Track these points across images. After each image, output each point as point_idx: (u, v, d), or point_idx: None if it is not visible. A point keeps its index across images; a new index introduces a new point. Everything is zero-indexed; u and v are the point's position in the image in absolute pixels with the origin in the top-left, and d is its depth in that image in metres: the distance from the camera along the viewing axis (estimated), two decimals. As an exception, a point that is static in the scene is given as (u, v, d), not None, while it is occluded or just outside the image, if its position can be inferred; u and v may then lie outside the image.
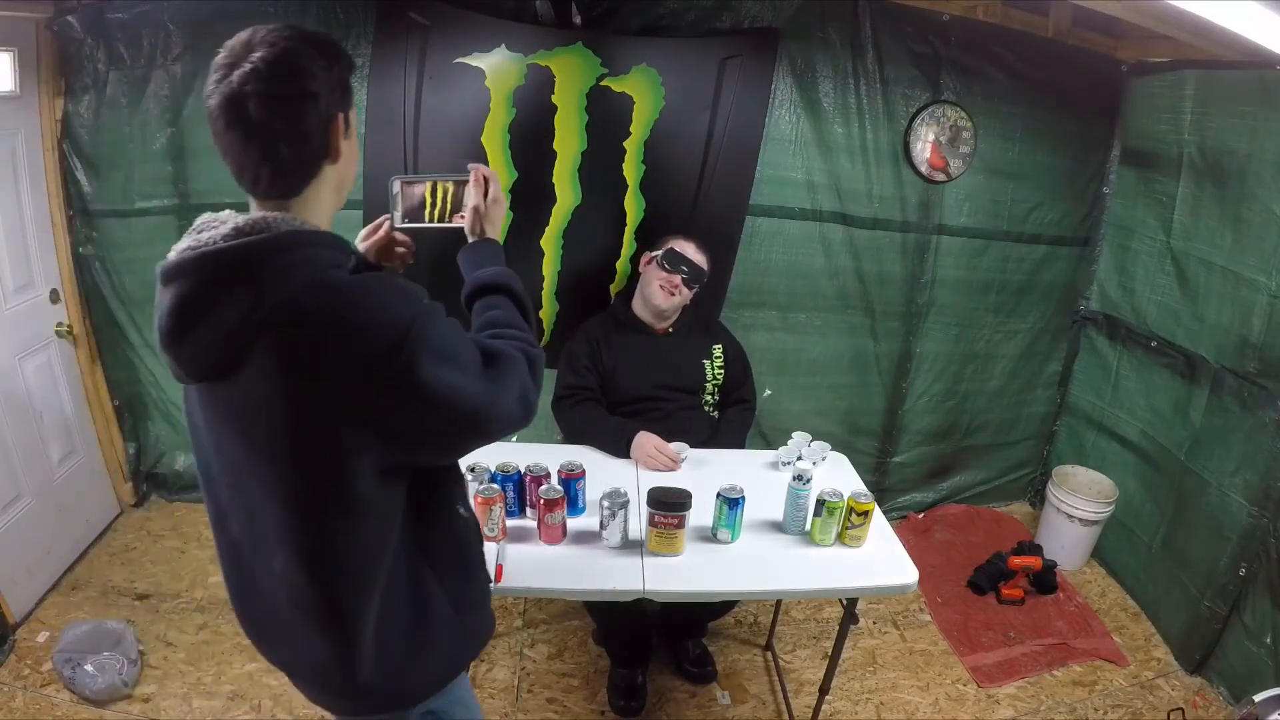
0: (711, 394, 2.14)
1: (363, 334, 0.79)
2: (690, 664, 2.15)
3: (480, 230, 1.12)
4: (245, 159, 0.82)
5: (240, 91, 0.77)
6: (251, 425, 0.83)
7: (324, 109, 0.82)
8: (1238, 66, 2.10)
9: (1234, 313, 2.16)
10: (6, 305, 2.18)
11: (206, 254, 0.79)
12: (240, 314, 0.77)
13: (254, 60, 0.77)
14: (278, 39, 0.79)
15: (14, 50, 2.08)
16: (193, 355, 0.81)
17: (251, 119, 0.78)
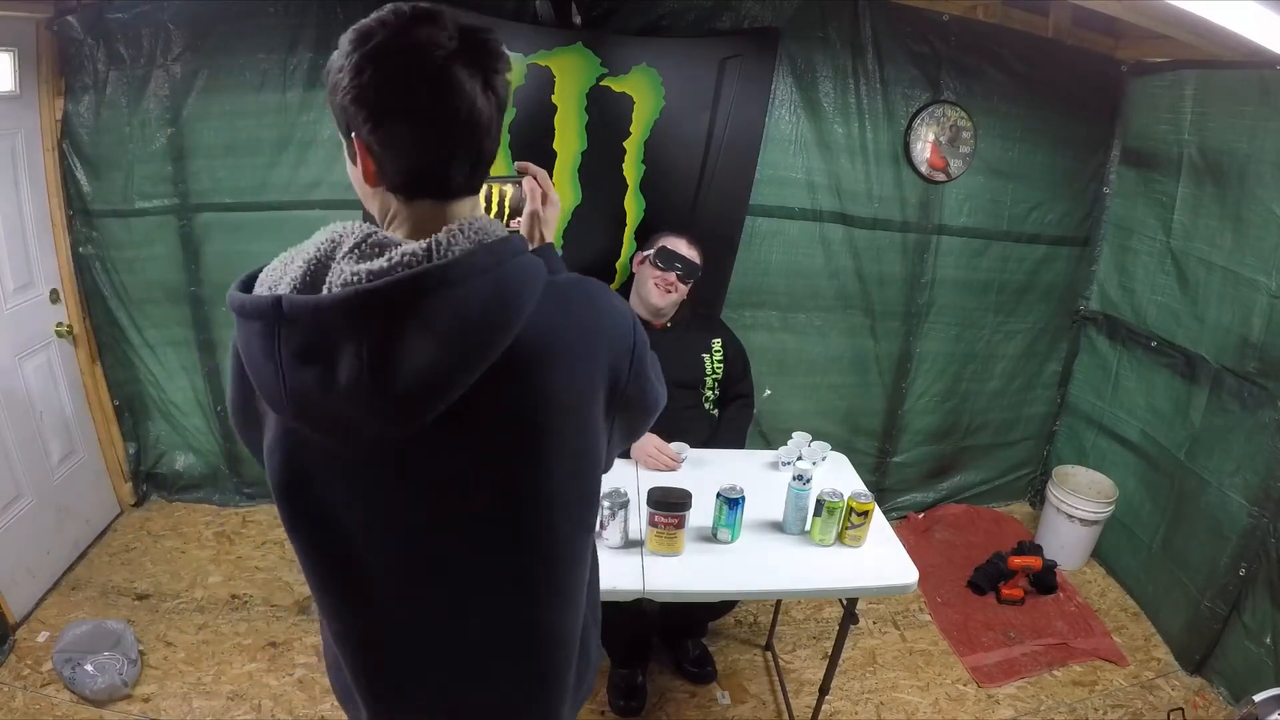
0: (711, 388, 2.14)
1: (603, 340, 0.75)
2: (690, 664, 2.15)
3: (540, 236, 1.02)
4: (445, 144, 0.67)
5: (452, 59, 0.63)
6: (484, 459, 0.72)
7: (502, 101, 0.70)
8: (1238, 66, 2.10)
9: (1234, 313, 2.16)
10: (6, 305, 2.18)
11: (429, 272, 0.63)
12: (490, 343, 0.65)
13: (452, 37, 0.64)
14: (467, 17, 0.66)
15: (14, 50, 2.08)
16: (420, 405, 0.65)
17: (467, 92, 0.64)
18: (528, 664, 0.84)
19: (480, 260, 0.65)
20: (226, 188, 2.34)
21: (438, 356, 0.63)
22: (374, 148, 0.67)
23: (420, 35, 0.64)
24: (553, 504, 0.76)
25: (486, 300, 0.65)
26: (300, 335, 0.63)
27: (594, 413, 0.75)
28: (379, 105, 0.65)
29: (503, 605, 0.80)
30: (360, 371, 0.62)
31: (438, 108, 0.65)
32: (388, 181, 0.70)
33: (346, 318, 0.62)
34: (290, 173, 2.33)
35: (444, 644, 0.81)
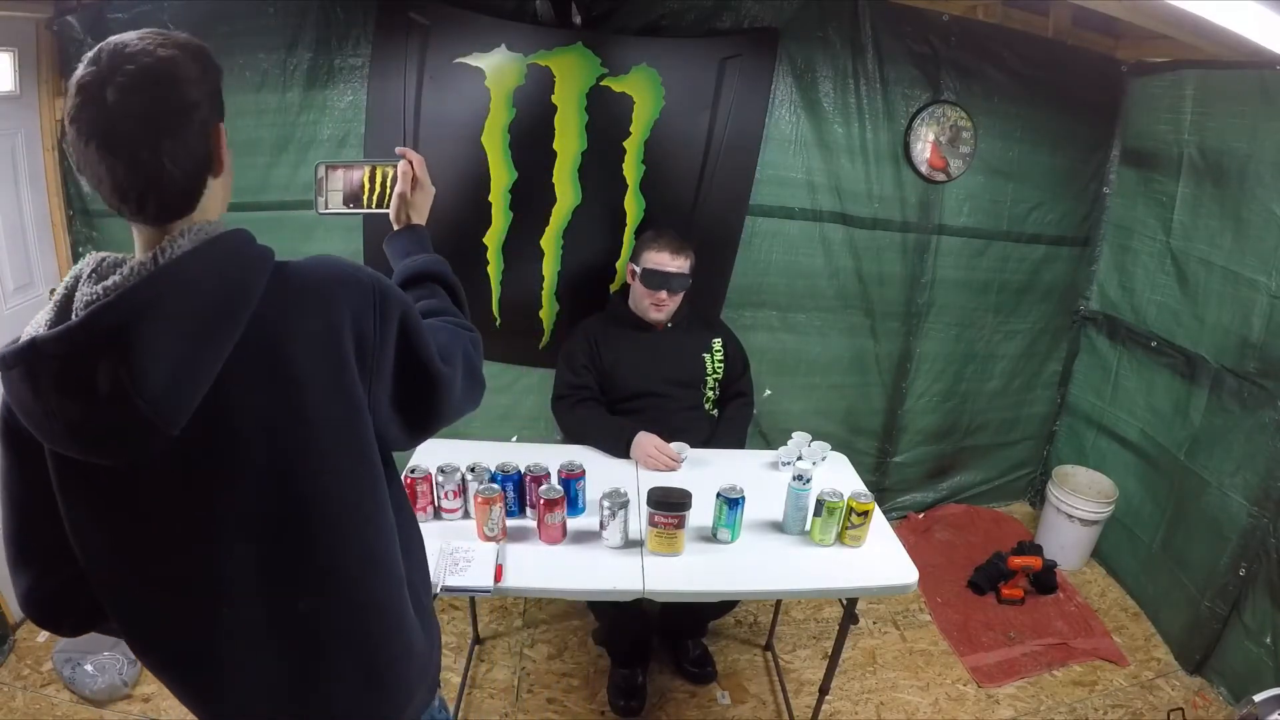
0: (712, 388, 2.14)
1: (340, 298, 0.78)
2: (690, 664, 2.15)
3: (406, 217, 1.11)
4: (127, 183, 0.70)
5: (115, 110, 0.67)
6: (252, 450, 0.76)
7: (205, 115, 0.74)
8: (1238, 66, 2.10)
9: (1234, 313, 2.16)
10: (6, 305, 2.18)
11: (161, 272, 0.68)
12: (228, 328, 0.70)
13: (127, 74, 0.67)
14: (150, 49, 0.70)
15: (14, 50, 2.08)
16: (177, 403, 0.69)
17: (129, 138, 0.68)
18: (359, 640, 0.86)
19: (204, 256, 0.71)
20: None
21: (181, 349, 0.68)
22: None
23: (86, 69, 0.68)
24: (322, 470, 0.80)
25: (215, 289, 0.71)
26: (57, 367, 0.66)
27: (344, 379, 0.78)
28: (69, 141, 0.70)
29: (299, 578, 0.82)
30: (117, 382, 0.65)
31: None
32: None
33: (94, 334, 0.66)
34: (290, 173, 2.33)
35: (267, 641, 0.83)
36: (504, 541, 1.51)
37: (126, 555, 0.79)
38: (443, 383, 0.89)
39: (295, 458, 0.78)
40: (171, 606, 0.82)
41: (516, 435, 2.57)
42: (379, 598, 0.87)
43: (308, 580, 0.82)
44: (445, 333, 0.94)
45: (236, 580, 0.80)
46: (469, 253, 2.32)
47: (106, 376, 0.65)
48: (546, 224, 2.35)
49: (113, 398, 0.66)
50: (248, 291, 0.72)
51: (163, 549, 0.78)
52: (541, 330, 2.48)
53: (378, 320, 0.80)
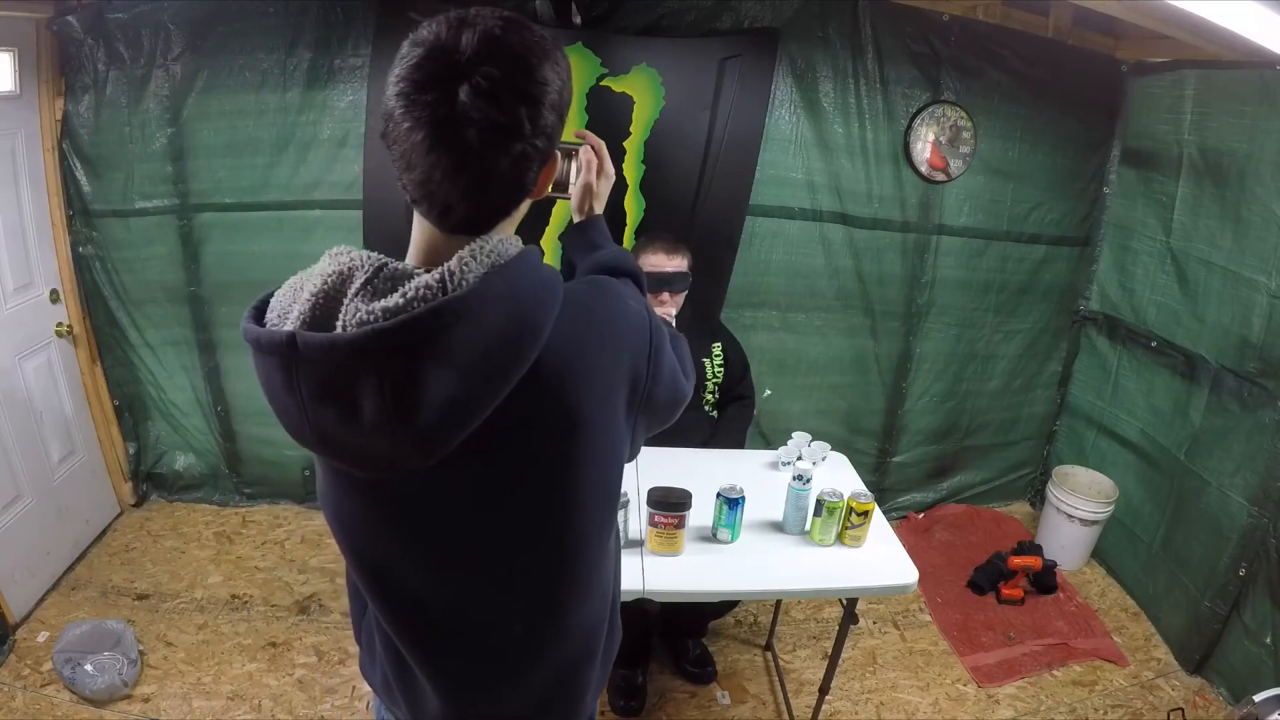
0: (712, 393, 2.14)
1: (621, 344, 0.75)
2: (690, 664, 2.15)
3: (590, 208, 1.01)
4: (443, 189, 0.64)
5: (464, 115, 0.60)
6: (511, 474, 0.73)
7: (546, 146, 0.67)
8: (1238, 66, 2.10)
9: (1234, 313, 2.16)
10: (6, 305, 2.18)
11: (445, 306, 0.60)
12: (509, 369, 0.65)
13: (490, 75, 0.61)
14: (517, 47, 0.63)
15: (14, 50, 2.08)
16: (447, 434, 0.64)
17: (469, 147, 0.62)
18: (562, 654, 0.87)
19: (496, 286, 0.63)
20: (226, 188, 2.34)
21: (459, 389, 0.62)
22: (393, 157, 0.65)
23: (446, 40, 0.62)
24: (579, 509, 0.78)
25: (505, 326, 0.64)
26: (318, 374, 0.62)
27: (616, 417, 0.76)
28: (390, 113, 0.63)
29: (538, 605, 0.83)
30: (383, 409, 0.61)
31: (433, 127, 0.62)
32: (406, 195, 0.67)
33: (363, 358, 0.60)
34: (290, 173, 2.33)
35: (491, 642, 0.84)
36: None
37: (377, 555, 0.78)
38: (685, 399, 0.89)
39: (555, 497, 0.76)
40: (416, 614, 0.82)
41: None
42: (589, 621, 0.88)
43: (560, 596, 0.83)
44: (681, 343, 0.92)
45: (498, 586, 0.81)
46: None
47: (372, 403, 0.61)
48: (546, 224, 2.35)
49: (375, 425, 0.62)
50: (538, 330, 0.66)
51: (415, 547, 0.77)
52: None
53: (651, 358, 0.78)
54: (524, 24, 0.65)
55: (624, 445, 0.80)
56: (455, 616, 0.82)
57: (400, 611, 0.81)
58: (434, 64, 0.61)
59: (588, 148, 1.00)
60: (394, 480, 0.71)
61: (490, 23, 0.63)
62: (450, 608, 0.81)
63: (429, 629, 0.83)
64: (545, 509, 0.76)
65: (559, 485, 0.75)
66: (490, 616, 0.82)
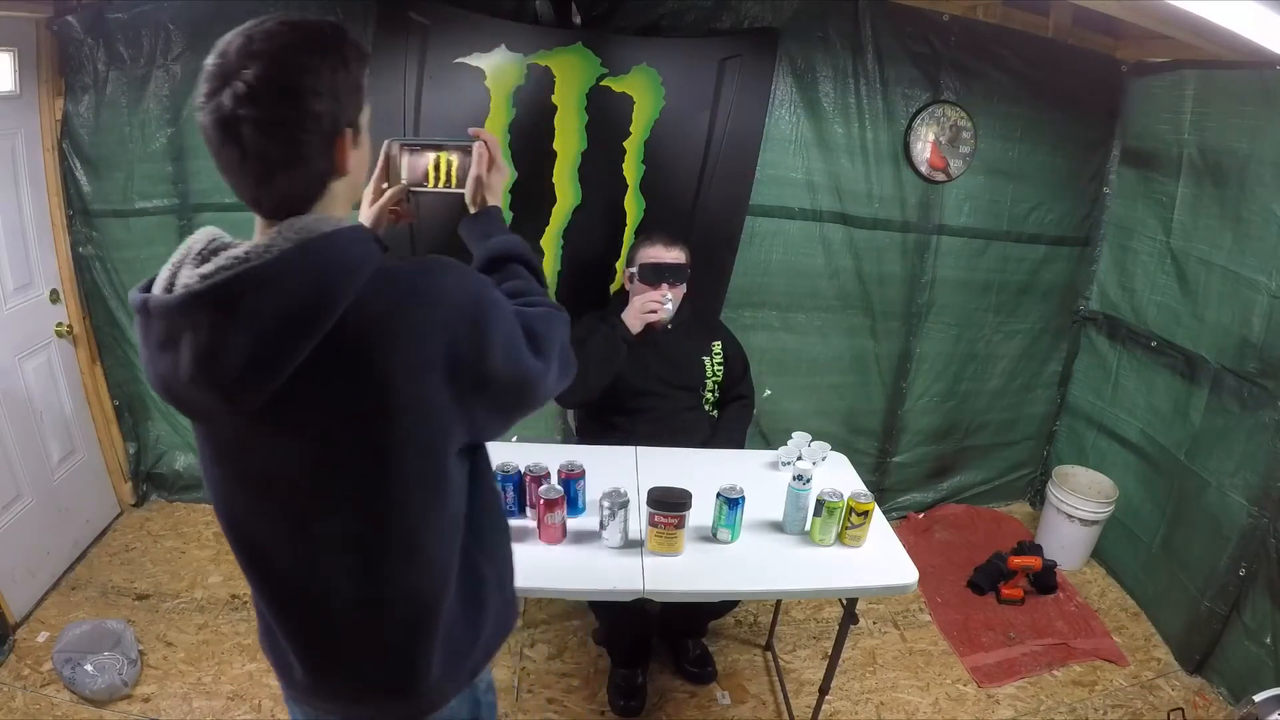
0: (712, 391, 2.14)
1: (437, 316, 0.77)
2: (690, 664, 2.15)
3: (482, 200, 1.10)
4: (242, 181, 0.75)
5: (232, 114, 0.69)
6: (323, 438, 0.78)
7: (328, 127, 0.75)
8: (1238, 66, 2.10)
9: (1234, 313, 2.16)
10: (6, 305, 2.18)
11: (248, 272, 0.70)
12: (306, 332, 0.71)
13: (246, 77, 0.69)
14: (274, 46, 0.71)
15: (14, 50, 2.08)
16: (251, 388, 0.72)
17: (245, 143, 0.71)
18: (391, 624, 0.88)
19: (295, 259, 0.71)
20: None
21: (257, 348, 0.70)
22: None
23: (224, 48, 0.73)
24: (391, 478, 0.80)
25: (302, 293, 0.71)
26: (156, 330, 0.74)
27: (433, 390, 0.78)
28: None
29: (359, 568, 0.85)
30: (193, 361, 0.71)
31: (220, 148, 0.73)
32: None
33: (181, 316, 0.71)
34: (290, 173, 2.33)
35: (330, 603, 0.87)
36: (504, 541, 1.51)
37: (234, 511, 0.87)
38: (536, 378, 0.89)
39: (365, 462, 0.79)
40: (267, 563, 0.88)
41: (516, 435, 2.57)
42: (417, 591, 0.88)
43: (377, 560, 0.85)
44: (539, 320, 0.92)
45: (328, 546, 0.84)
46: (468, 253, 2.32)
47: (186, 356, 0.71)
48: (546, 224, 2.35)
49: (189, 376, 0.72)
50: (335, 299, 0.72)
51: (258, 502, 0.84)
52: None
53: (476, 333, 0.80)
54: (293, 23, 0.74)
55: (450, 422, 0.81)
56: (297, 574, 0.86)
57: (255, 569, 0.88)
58: (213, 71, 0.71)
59: (481, 144, 1.08)
60: (235, 436, 0.80)
61: (256, 29, 0.72)
62: (291, 565, 0.86)
63: (277, 587, 0.88)
64: (357, 473, 0.80)
65: (368, 451, 0.78)
66: (324, 575, 0.85)
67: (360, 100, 0.79)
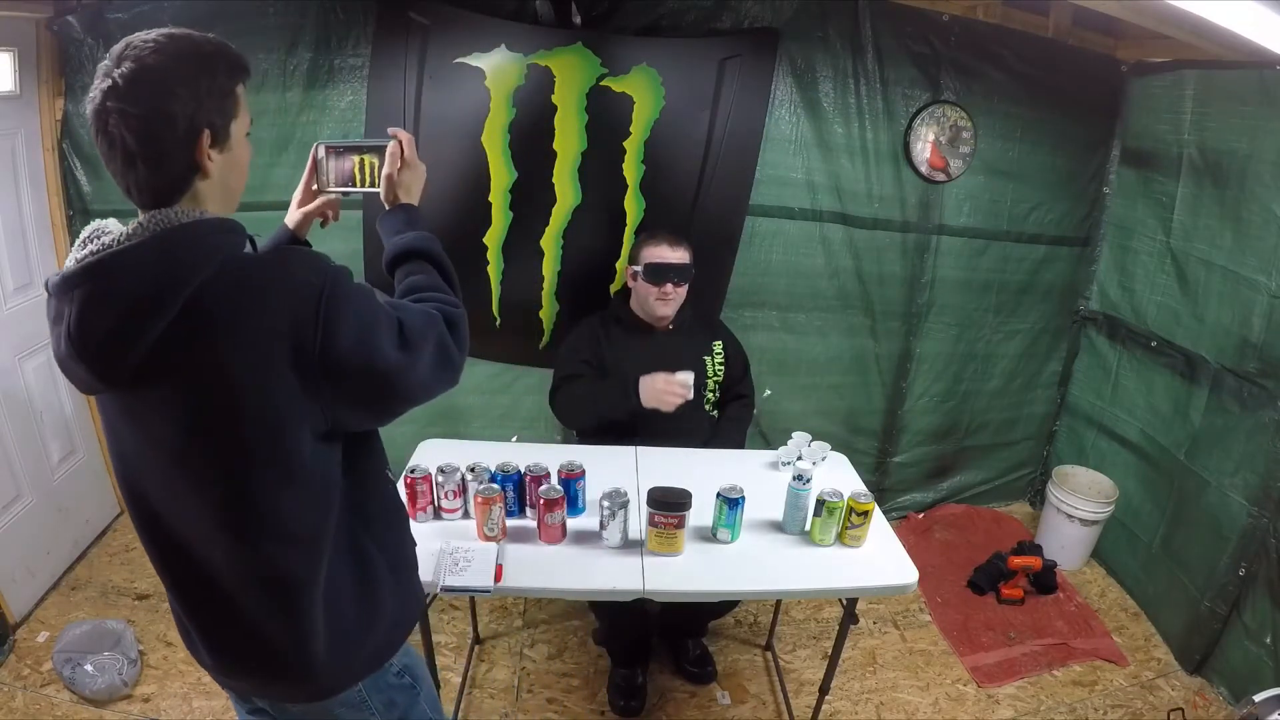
0: (712, 390, 2.14)
1: (279, 303, 0.81)
2: (690, 664, 2.15)
3: (394, 197, 1.13)
4: (114, 171, 0.83)
5: (102, 106, 0.79)
6: (181, 417, 0.83)
7: (184, 126, 0.81)
8: (1238, 66, 2.10)
9: (1234, 313, 2.16)
10: (6, 305, 2.18)
11: (110, 256, 0.78)
12: (157, 311, 0.78)
13: (116, 75, 0.78)
14: (146, 52, 0.80)
15: (14, 50, 2.09)
16: (110, 362, 0.80)
17: (111, 134, 0.80)
18: (254, 602, 0.91)
19: (150, 245, 0.79)
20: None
21: (113, 324, 0.78)
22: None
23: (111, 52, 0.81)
24: (235, 457, 0.85)
25: (151, 277, 0.78)
26: (51, 306, 0.83)
27: (277, 375, 0.82)
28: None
29: (220, 541, 0.89)
30: (66, 335, 0.79)
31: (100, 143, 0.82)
32: None
33: (63, 292, 0.80)
34: (290, 173, 2.32)
35: (212, 580, 0.91)
36: (504, 542, 1.51)
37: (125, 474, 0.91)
38: (398, 372, 0.90)
39: (210, 440, 0.84)
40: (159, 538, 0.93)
41: (516, 435, 2.57)
42: (272, 573, 0.90)
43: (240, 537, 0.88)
44: (413, 314, 0.94)
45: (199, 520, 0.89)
46: (469, 253, 2.32)
47: (64, 330, 0.80)
48: (546, 224, 2.35)
49: (67, 350, 0.80)
50: (181, 284, 0.78)
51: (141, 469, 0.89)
52: (541, 330, 2.48)
53: (320, 325, 0.82)
54: (173, 34, 0.84)
55: (296, 405, 0.84)
56: (183, 550, 0.91)
57: (152, 546, 0.94)
58: (98, 70, 0.80)
59: (395, 142, 1.12)
60: (116, 411, 0.87)
61: (140, 37, 0.81)
62: (178, 542, 0.91)
63: (170, 563, 0.94)
64: (211, 452, 0.85)
65: (216, 432, 0.83)
66: (203, 553, 0.90)
67: (228, 108, 0.87)
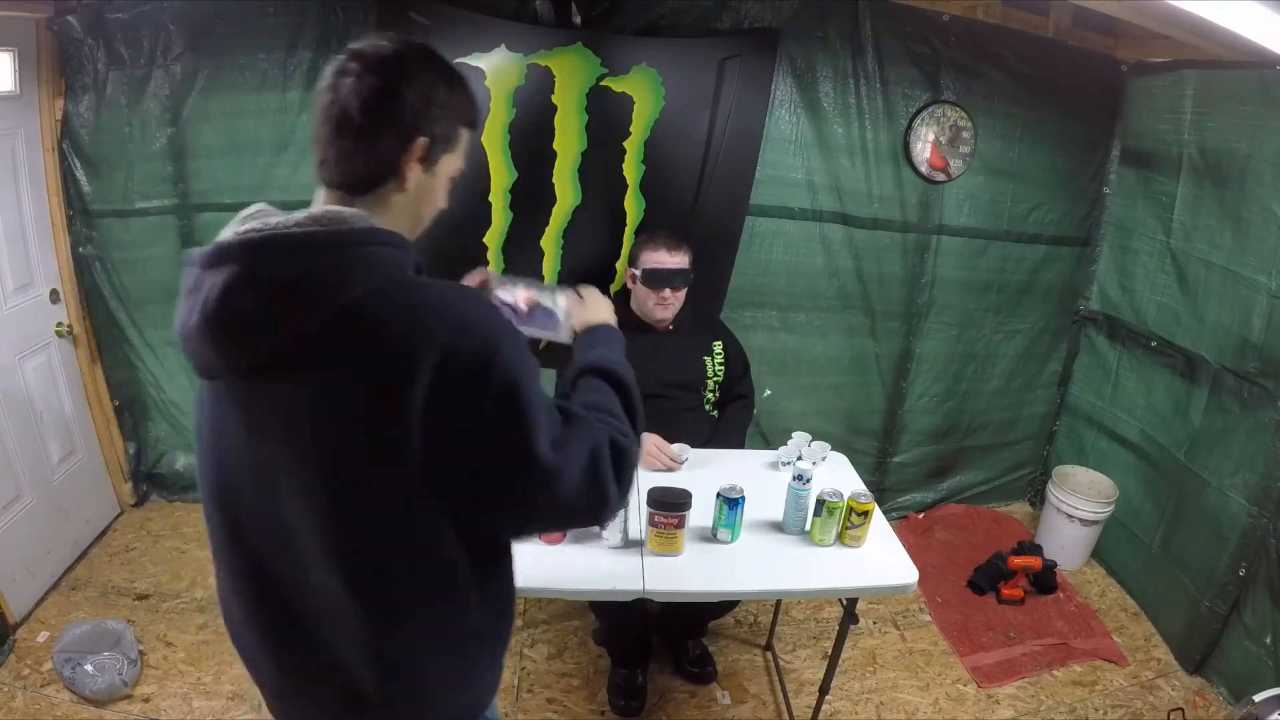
0: (712, 391, 2.14)
1: (436, 341, 0.73)
2: (690, 664, 2.15)
3: (585, 321, 1.14)
4: (318, 137, 0.80)
5: (344, 67, 0.78)
6: (299, 423, 0.76)
7: (409, 121, 0.79)
8: (1238, 66, 2.10)
9: (1234, 313, 2.16)
10: (6, 305, 2.18)
11: (273, 237, 0.73)
12: (308, 307, 0.72)
13: (368, 49, 0.79)
14: (403, 42, 0.81)
15: (14, 50, 2.08)
16: (241, 346, 0.74)
17: (336, 96, 0.78)
18: (357, 649, 0.85)
19: (318, 238, 0.74)
20: (227, 188, 2.34)
21: (256, 308, 0.73)
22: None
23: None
24: (361, 493, 0.78)
25: (312, 273, 0.73)
26: (190, 276, 0.77)
27: (389, 420, 0.73)
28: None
29: (327, 579, 0.81)
30: (203, 305, 0.73)
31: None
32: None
33: (211, 264, 0.74)
34: (290, 173, 2.33)
35: (302, 605, 0.85)
36: (504, 541, 1.50)
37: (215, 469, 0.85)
38: (544, 471, 0.78)
39: (318, 453, 0.78)
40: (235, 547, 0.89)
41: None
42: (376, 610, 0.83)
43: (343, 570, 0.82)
44: (578, 419, 0.85)
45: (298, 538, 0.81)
46: (469, 253, 2.32)
47: (202, 300, 0.74)
48: (546, 224, 2.35)
49: (199, 324, 0.74)
50: (338, 285, 0.73)
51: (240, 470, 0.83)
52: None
53: (473, 381, 0.74)
54: (427, 45, 0.84)
55: (401, 444, 0.74)
56: (266, 555, 0.85)
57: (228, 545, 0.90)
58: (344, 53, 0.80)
59: (574, 294, 1.14)
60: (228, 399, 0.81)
61: (379, 39, 0.81)
62: (260, 545, 0.85)
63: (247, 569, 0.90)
64: (318, 463, 0.78)
65: (327, 450, 0.77)
66: (290, 561, 0.83)
67: (449, 135, 0.85)
